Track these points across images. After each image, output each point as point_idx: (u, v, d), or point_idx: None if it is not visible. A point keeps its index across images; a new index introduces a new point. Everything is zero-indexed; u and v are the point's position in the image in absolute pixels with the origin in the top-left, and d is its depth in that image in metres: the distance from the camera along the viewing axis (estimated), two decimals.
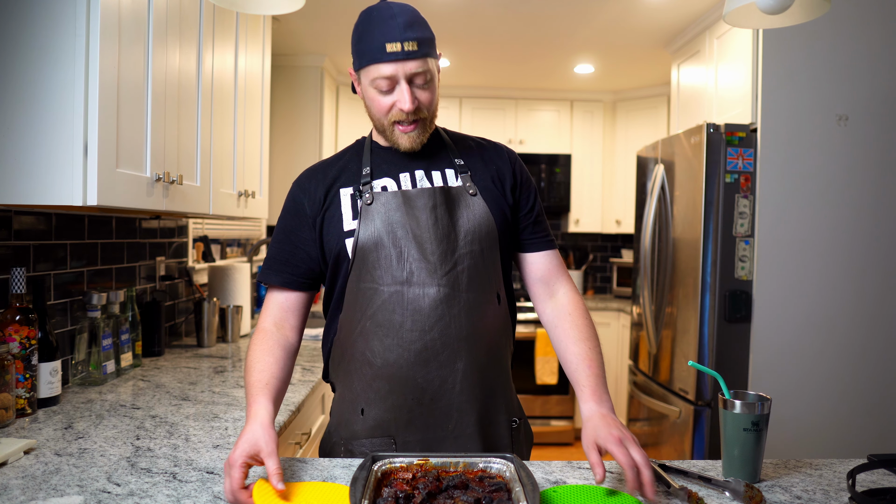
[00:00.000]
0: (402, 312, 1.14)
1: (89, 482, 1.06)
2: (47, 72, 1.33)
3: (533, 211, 1.29)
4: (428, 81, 1.17)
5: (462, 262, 1.16)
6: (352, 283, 1.18)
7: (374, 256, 1.15)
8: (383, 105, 1.18)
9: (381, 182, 1.22)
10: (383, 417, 1.19)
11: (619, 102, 4.75)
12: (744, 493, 1.00)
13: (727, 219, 2.56)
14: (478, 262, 1.18)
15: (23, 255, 1.62)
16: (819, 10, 1.17)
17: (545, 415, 4.23)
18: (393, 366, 1.16)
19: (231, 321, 2.47)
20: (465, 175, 1.23)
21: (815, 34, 2.51)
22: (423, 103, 1.17)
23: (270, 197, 3.15)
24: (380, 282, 1.15)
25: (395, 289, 1.14)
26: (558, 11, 3.16)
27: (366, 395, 1.19)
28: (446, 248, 1.15)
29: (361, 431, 1.20)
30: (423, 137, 1.21)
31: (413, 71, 1.14)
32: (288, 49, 3.78)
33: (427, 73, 1.16)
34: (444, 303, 1.14)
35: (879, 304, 2.54)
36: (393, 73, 1.14)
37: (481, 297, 1.18)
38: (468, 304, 1.16)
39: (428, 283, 1.14)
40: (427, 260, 1.14)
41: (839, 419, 2.54)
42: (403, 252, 1.15)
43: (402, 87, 1.15)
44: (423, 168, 1.23)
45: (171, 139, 1.71)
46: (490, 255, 1.20)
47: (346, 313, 1.20)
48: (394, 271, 1.14)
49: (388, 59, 1.12)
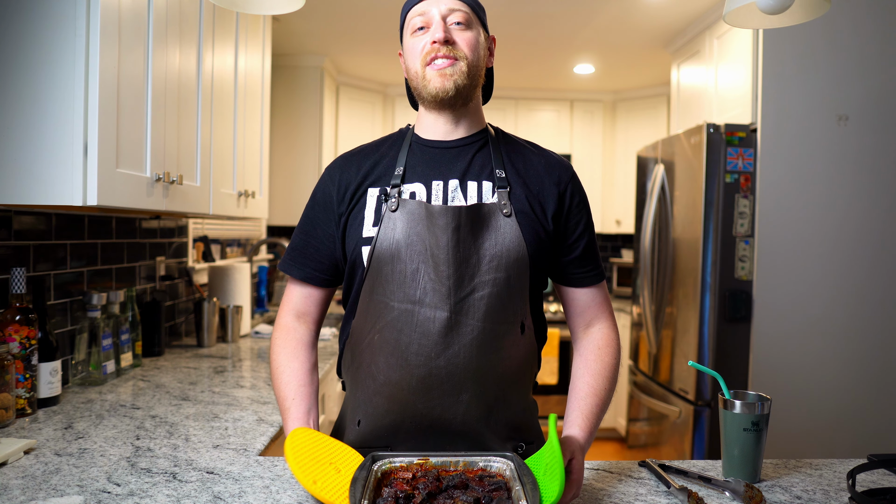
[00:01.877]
0: (409, 333, 1.07)
1: (89, 482, 1.06)
2: (47, 72, 1.33)
3: (580, 242, 1.16)
4: (466, 24, 1.11)
5: (481, 290, 1.07)
6: (364, 293, 1.12)
7: (389, 269, 1.08)
8: (417, 47, 1.12)
9: (412, 187, 1.12)
10: (379, 434, 1.14)
11: (619, 102, 4.75)
12: (744, 493, 1.00)
13: (727, 219, 2.56)
14: (501, 291, 1.08)
15: (23, 255, 1.62)
16: (819, 10, 1.17)
17: (545, 415, 4.22)
18: (395, 386, 1.09)
19: (231, 321, 2.47)
20: (503, 191, 1.11)
21: (815, 34, 2.51)
22: (458, 43, 1.10)
23: (270, 197, 3.15)
24: (391, 297, 1.08)
25: (406, 307, 1.07)
26: (558, 11, 3.16)
27: (364, 409, 1.14)
28: (464, 273, 1.06)
29: (356, 442, 1.16)
30: (460, 80, 1.10)
31: (449, 6, 1.10)
32: (288, 49, 3.78)
33: (466, 14, 1.11)
34: (454, 330, 1.06)
35: (879, 304, 2.54)
36: (426, 8, 1.11)
37: (499, 329, 1.08)
38: (481, 334, 1.07)
39: (440, 306, 1.05)
40: (441, 282, 1.06)
41: (839, 419, 2.54)
42: (419, 269, 1.07)
43: (436, 21, 1.10)
44: (459, 177, 1.13)
45: (171, 139, 1.71)
46: (517, 283, 1.09)
47: (358, 321, 1.14)
48: (406, 288, 1.07)
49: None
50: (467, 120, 1.16)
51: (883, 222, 2.54)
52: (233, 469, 1.14)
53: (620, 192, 4.67)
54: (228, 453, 1.22)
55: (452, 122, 1.15)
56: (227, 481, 1.08)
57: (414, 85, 1.14)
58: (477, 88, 1.15)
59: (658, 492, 1.04)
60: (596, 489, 1.05)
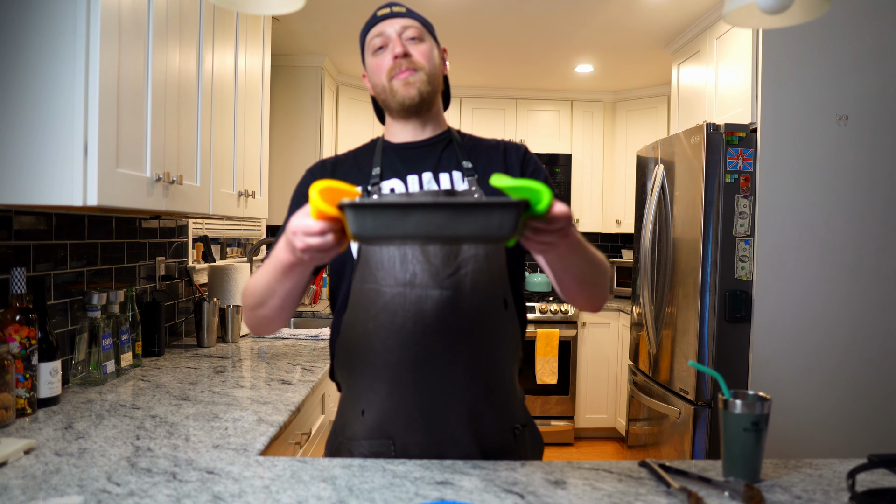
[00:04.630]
0: (403, 314, 1.14)
1: (89, 482, 1.06)
2: (47, 72, 1.32)
3: None
4: (420, 38, 1.23)
5: (466, 266, 1.15)
6: (356, 283, 1.18)
7: (378, 257, 1.16)
8: (380, 65, 1.23)
9: (390, 183, 1.23)
10: (383, 419, 1.18)
11: (619, 102, 4.75)
12: (744, 493, 1.00)
13: (727, 219, 2.56)
14: (482, 266, 1.17)
15: (23, 255, 1.61)
16: (819, 10, 1.17)
17: (545, 415, 4.22)
18: (394, 367, 1.15)
19: (231, 321, 2.47)
20: (472, 178, 1.23)
21: (815, 34, 2.51)
22: (415, 55, 1.22)
23: (270, 197, 3.15)
24: (383, 283, 1.15)
25: (399, 290, 1.14)
26: (558, 12, 3.16)
27: (366, 397, 1.19)
28: (449, 252, 1.15)
29: (361, 432, 1.20)
30: (422, 87, 1.22)
31: (403, 24, 1.22)
32: (288, 49, 3.78)
33: (418, 30, 1.23)
34: (447, 306, 1.14)
35: (880, 304, 2.54)
36: (382, 29, 1.22)
37: (486, 302, 1.17)
38: (472, 307, 1.15)
39: (431, 285, 1.13)
40: (430, 262, 1.14)
41: (839, 419, 2.54)
42: (407, 254, 1.15)
43: (392, 39, 1.21)
44: (432, 170, 1.24)
45: (171, 139, 1.71)
46: (495, 258, 1.19)
47: (350, 314, 1.20)
48: (397, 273, 1.14)
49: (378, 21, 1.24)
50: (431, 124, 1.29)
51: (883, 222, 2.54)
52: (233, 469, 1.14)
53: (620, 192, 4.67)
54: (228, 453, 1.22)
55: (420, 127, 1.27)
56: (227, 481, 1.08)
57: (382, 99, 1.26)
58: (437, 94, 1.28)
59: (658, 492, 1.04)
60: (596, 489, 1.05)
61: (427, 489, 1.02)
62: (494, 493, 1.02)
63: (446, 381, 1.15)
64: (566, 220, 0.89)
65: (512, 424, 1.24)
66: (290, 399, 1.66)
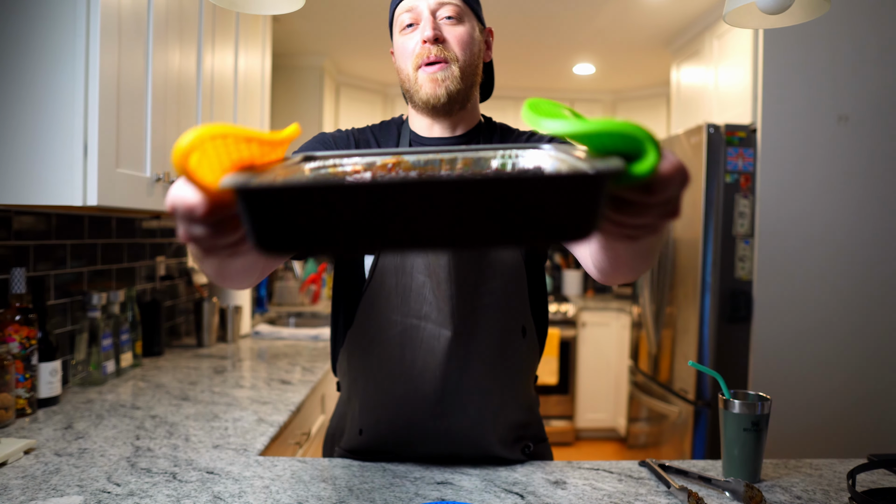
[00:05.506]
0: (413, 350, 1.05)
1: (89, 482, 1.06)
2: (47, 72, 1.32)
3: None
4: (458, 18, 1.03)
5: (481, 300, 1.05)
6: (365, 304, 1.07)
7: (393, 283, 1.05)
8: (407, 47, 1.04)
9: None
10: (383, 440, 1.13)
11: (619, 102, 4.75)
12: (744, 493, 1.00)
13: (727, 219, 2.56)
14: (499, 300, 1.06)
15: (23, 255, 1.61)
16: (819, 10, 1.17)
17: (545, 415, 4.22)
18: (400, 400, 1.08)
19: (231, 321, 2.47)
20: None
21: (815, 34, 2.51)
22: (449, 41, 1.03)
23: None
24: (395, 311, 1.05)
25: (412, 322, 1.05)
26: (558, 11, 3.16)
27: (366, 419, 1.12)
28: (464, 286, 1.04)
29: (358, 448, 1.15)
30: (451, 85, 1.03)
31: (439, 0, 1.03)
32: (288, 49, 3.78)
33: (457, 7, 1.03)
34: (459, 345, 1.04)
35: (880, 304, 2.54)
36: (414, 4, 1.03)
37: (502, 337, 1.07)
38: (485, 345, 1.06)
39: (444, 325, 1.04)
40: (445, 300, 1.04)
41: (839, 419, 2.54)
42: (424, 284, 1.05)
43: (424, 17, 1.03)
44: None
45: (172, 139, 1.71)
46: (515, 289, 1.08)
47: (356, 332, 1.10)
48: (412, 303, 1.05)
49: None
50: (465, 121, 1.11)
51: (883, 222, 2.54)
52: (233, 469, 1.13)
53: None
54: (228, 453, 1.22)
55: (449, 126, 1.10)
56: (227, 481, 1.08)
57: (406, 87, 1.08)
58: (473, 88, 1.08)
59: (658, 492, 1.04)
60: (596, 489, 1.05)
61: (427, 489, 1.02)
62: (494, 493, 1.02)
63: (455, 421, 1.07)
64: (682, 181, 0.52)
65: (524, 446, 1.16)
66: (290, 399, 1.66)
